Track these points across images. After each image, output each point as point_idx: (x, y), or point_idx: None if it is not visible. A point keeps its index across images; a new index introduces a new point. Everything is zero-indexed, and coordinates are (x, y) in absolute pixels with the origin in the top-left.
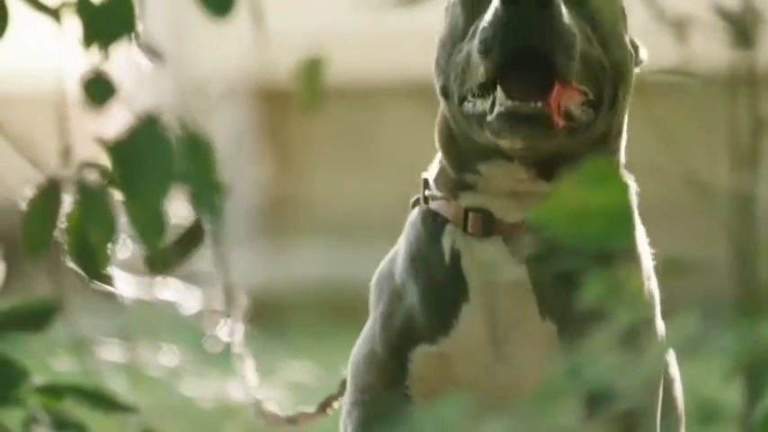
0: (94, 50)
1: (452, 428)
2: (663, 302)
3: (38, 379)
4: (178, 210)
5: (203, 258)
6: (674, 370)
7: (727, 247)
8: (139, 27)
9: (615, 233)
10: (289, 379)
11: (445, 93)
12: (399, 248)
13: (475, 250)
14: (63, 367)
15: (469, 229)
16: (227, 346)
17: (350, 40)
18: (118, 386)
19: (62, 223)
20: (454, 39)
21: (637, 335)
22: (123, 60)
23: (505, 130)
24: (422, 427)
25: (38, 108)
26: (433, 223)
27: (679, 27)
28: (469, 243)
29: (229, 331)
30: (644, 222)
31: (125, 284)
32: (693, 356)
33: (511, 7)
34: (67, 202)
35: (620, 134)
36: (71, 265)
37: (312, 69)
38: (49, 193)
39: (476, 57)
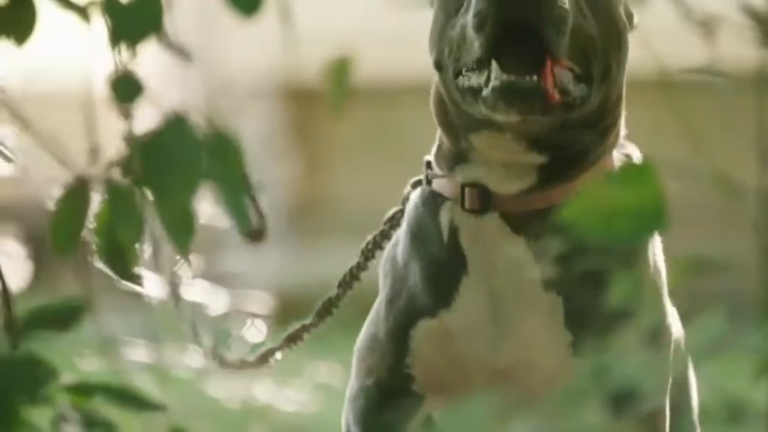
0: (122, 49)
1: (476, 427)
2: (690, 301)
3: (67, 378)
4: (206, 209)
5: (230, 259)
6: (690, 372)
7: (755, 245)
8: (167, 26)
9: (646, 231)
10: (315, 380)
11: (439, 66)
12: (401, 230)
13: (473, 226)
14: (90, 367)
15: (467, 206)
16: (253, 348)
17: (376, 40)
18: (145, 386)
19: (90, 223)
20: (447, 12)
21: (651, 333)
22: (151, 59)
23: (501, 104)
24: (446, 426)
25: (66, 107)
26: (433, 202)
27: (707, 26)
28: (467, 219)
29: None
30: (671, 221)
31: (153, 284)
32: (720, 355)
33: None
34: (96, 201)
35: (617, 106)
36: (99, 264)
37: (340, 69)
38: (77, 193)
39: (470, 32)
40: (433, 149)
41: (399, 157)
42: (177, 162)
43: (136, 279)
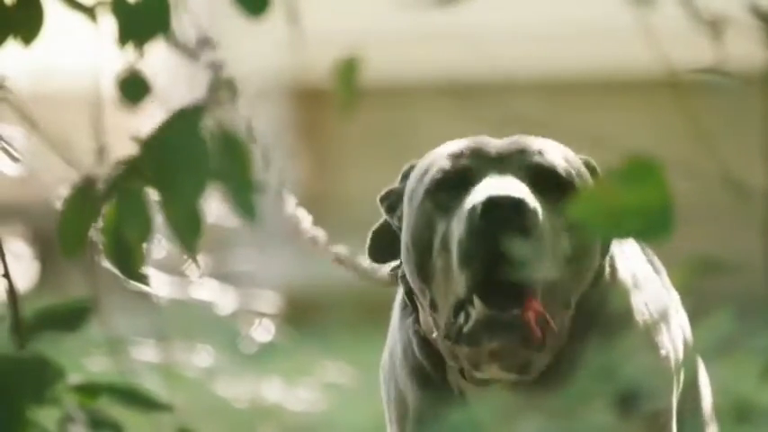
0: (130, 49)
1: (488, 428)
2: (697, 302)
3: (74, 378)
4: (215, 208)
5: (238, 259)
6: (702, 372)
7: (763, 246)
8: (175, 26)
9: (654, 230)
10: (324, 380)
11: (433, 307)
12: (396, 353)
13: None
14: (98, 367)
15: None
16: (262, 347)
17: (385, 39)
18: (153, 386)
19: (98, 223)
20: (425, 243)
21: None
22: (159, 59)
23: (485, 335)
24: (458, 426)
25: (73, 107)
26: (432, 356)
27: (714, 27)
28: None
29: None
30: (679, 221)
31: (161, 284)
32: (728, 356)
33: (489, 215)
34: (103, 201)
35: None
36: (107, 264)
37: (348, 69)
38: (84, 193)
39: (455, 270)
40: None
41: (407, 156)
42: (185, 162)
43: (143, 279)
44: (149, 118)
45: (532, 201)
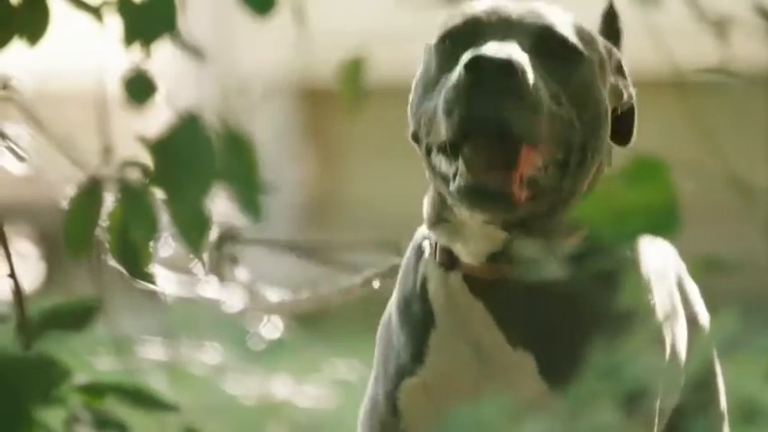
0: (136, 49)
1: (490, 429)
2: (704, 302)
3: (80, 378)
4: (221, 207)
5: (246, 257)
6: (717, 366)
7: None
8: (181, 25)
9: (660, 229)
10: (332, 377)
11: (415, 138)
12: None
13: (439, 280)
14: (105, 366)
15: (437, 260)
16: (270, 344)
17: (390, 39)
18: (160, 384)
19: (104, 222)
20: (426, 84)
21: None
22: (164, 59)
23: (466, 204)
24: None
25: (79, 107)
26: (417, 251)
27: (720, 27)
28: (436, 272)
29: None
30: (684, 221)
31: (167, 283)
32: (734, 355)
33: (474, 73)
34: (109, 200)
35: (593, 186)
36: (113, 263)
37: (354, 70)
38: (90, 192)
39: (440, 114)
40: (427, 200)
41: (413, 156)
42: (191, 162)
43: (149, 277)
44: (155, 118)
45: (523, 64)
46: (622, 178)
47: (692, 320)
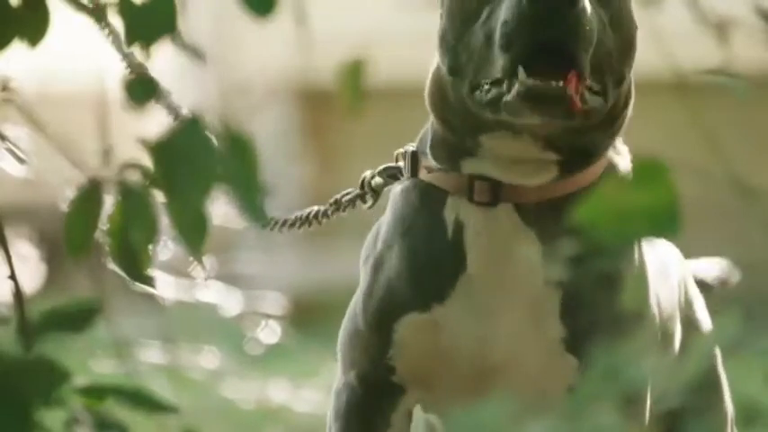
0: (136, 51)
1: (490, 427)
2: (706, 304)
3: (79, 380)
4: (220, 210)
5: (244, 260)
6: (720, 368)
7: None
8: (182, 27)
9: (661, 230)
10: (330, 381)
11: (455, 72)
12: (384, 221)
13: (480, 219)
14: (104, 368)
15: (476, 198)
16: (268, 348)
17: (391, 41)
18: (158, 387)
19: (104, 224)
20: (465, 16)
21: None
22: (165, 61)
23: (526, 108)
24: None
25: (79, 109)
26: (431, 195)
27: (721, 29)
28: (475, 213)
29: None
30: (688, 223)
31: (166, 286)
32: (736, 357)
33: (537, 4)
34: (109, 202)
35: (626, 106)
36: (112, 266)
37: (354, 71)
38: (90, 194)
39: (496, 50)
40: (424, 142)
41: None
42: (191, 164)
43: (149, 281)
44: (156, 120)
45: None
46: (625, 179)
47: (693, 325)
